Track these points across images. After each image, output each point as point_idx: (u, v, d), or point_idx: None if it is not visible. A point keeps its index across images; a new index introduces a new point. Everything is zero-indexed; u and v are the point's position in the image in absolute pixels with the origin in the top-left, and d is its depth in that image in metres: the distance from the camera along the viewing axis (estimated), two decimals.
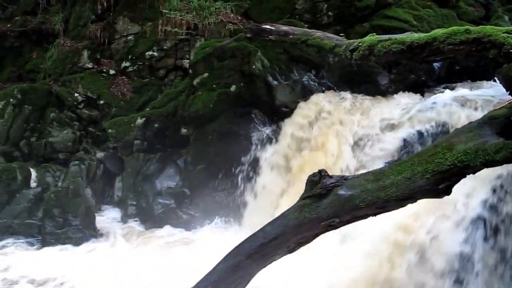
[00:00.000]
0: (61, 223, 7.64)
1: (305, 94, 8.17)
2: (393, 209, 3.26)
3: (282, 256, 3.40)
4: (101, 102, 9.46)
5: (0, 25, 10.57)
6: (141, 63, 9.81)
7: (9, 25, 10.60)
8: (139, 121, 8.72)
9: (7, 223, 7.70)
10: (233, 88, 8.16)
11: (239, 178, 7.95)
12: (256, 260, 3.30)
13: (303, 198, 3.39)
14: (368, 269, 5.28)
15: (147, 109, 9.11)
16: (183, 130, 8.51)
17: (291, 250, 3.41)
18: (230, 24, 9.63)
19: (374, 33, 5.01)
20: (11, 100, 9.25)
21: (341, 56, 5.80)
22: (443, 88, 8.06)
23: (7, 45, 10.59)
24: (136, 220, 8.32)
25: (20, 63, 10.63)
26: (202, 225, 7.98)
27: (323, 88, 8.36)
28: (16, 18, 10.69)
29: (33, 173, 8.45)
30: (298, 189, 6.95)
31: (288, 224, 3.30)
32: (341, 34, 6.89)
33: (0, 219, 7.71)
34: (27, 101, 9.35)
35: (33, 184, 8.33)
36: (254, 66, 8.06)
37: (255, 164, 7.88)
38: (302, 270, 5.66)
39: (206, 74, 8.35)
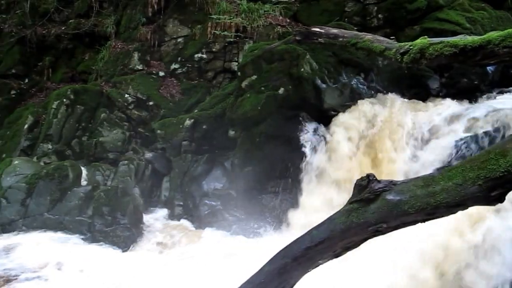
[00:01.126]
0: (110, 221, 7.78)
1: (354, 97, 8.07)
2: (443, 216, 3.16)
3: (328, 260, 3.34)
4: (151, 103, 9.59)
5: (55, 28, 10.88)
6: (190, 65, 9.91)
7: (63, 28, 10.90)
8: (188, 122, 8.78)
9: (59, 219, 7.91)
10: (281, 90, 8.10)
11: (287, 181, 7.90)
12: (301, 264, 3.25)
13: (350, 202, 3.31)
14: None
15: (196, 110, 9.18)
16: (231, 132, 8.52)
17: (337, 255, 3.34)
18: (279, 27, 9.60)
19: (426, 36, 4.89)
20: (64, 100, 9.51)
21: (391, 60, 5.67)
22: (497, 93, 7.83)
23: (61, 47, 10.90)
24: (183, 220, 8.39)
25: (73, 64, 10.92)
26: (247, 227, 7.95)
27: (372, 92, 8.25)
28: (70, 21, 10.97)
29: (84, 172, 8.65)
30: (348, 193, 6.90)
31: (334, 229, 3.23)
32: (391, 37, 6.76)
33: (52, 215, 7.93)
34: (79, 101, 9.60)
35: (83, 182, 8.53)
36: (302, 69, 8.00)
37: (303, 167, 7.81)
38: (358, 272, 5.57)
39: (254, 77, 8.34)
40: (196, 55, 9.85)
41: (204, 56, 9.82)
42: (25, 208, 7.98)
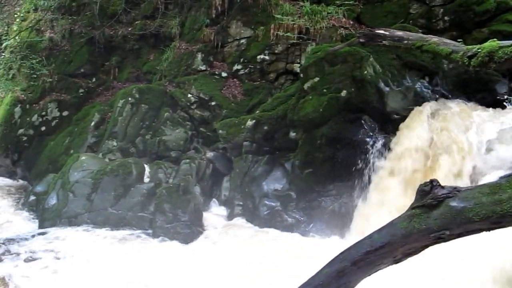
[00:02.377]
0: (171, 218, 7.91)
1: (418, 101, 7.84)
2: (510, 226, 3.01)
3: (388, 265, 3.24)
4: (213, 103, 9.70)
5: (122, 29, 11.19)
6: (252, 66, 9.94)
7: (130, 29, 11.20)
8: (249, 123, 8.81)
9: (122, 214, 8.12)
10: (343, 93, 7.97)
11: (348, 185, 7.77)
12: (361, 268, 3.18)
13: (412, 207, 3.21)
14: None
15: (257, 111, 9.19)
16: (292, 134, 8.48)
17: (397, 261, 3.24)
18: (342, 29, 9.48)
19: (495, 39, 4.70)
20: (129, 99, 9.77)
21: (457, 63, 5.50)
22: None
23: (127, 48, 11.20)
24: (242, 220, 8.42)
25: (139, 64, 11.19)
26: (306, 229, 7.89)
27: (436, 96, 7.99)
28: (136, 22, 11.26)
29: (147, 169, 8.86)
30: (410, 198, 6.70)
31: (395, 234, 3.13)
32: (459, 40, 6.56)
33: (116, 210, 8.16)
34: (144, 100, 9.83)
35: (146, 179, 8.73)
36: (365, 72, 7.85)
37: (365, 171, 7.66)
38: None
39: (317, 79, 8.25)
40: (258, 56, 9.87)
41: (267, 57, 9.83)
42: (90, 202, 8.25)
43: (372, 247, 3.14)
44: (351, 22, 9.73)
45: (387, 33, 7.14)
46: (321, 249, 6.96)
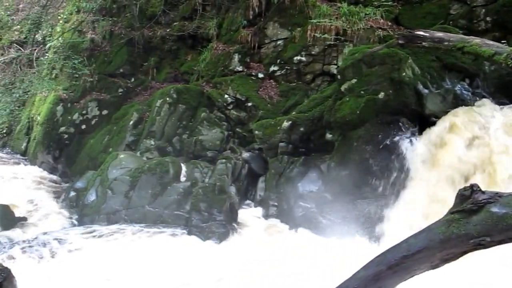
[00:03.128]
0: (207, 217, 7.98)
1: (457, 103, 7.73)
2: None
3: (425, 271, 3.19)
4: (249, 104, 9.76)
5: (161, 30, 11.37)
6: (289, 68, 9.96)
7: (168, 30, 11.36)
8: (285, 124, 8.82)
9: (158, 212, 8.26)
10: (381, 95, 7.91)
11: (384, 188, 7.70)
12: (397, 272, 3.13)
13: (451, 212, 3.14)
14: None
15: (293, 113, 9.20)
16: (328, 135, 8.46)
17: (434, 266, 3.18)
18: (380, 30, 9.41)
19: None
20: (167, 99, 9.92)
21: (500, 65, 5.40)
22: None
23: (165, 48, 11.36)
24: (277, 221, 8.42)
25: (176, 65, 11.34)
26: (341, 232, 7.82)
27: (477, 98, 7.85)
28: (175, 23, 11.42)
29: (183, 168, 8.97)
30: (448, 204, 6.59)
31: (433, 239, 3.08)
32: (502, 41, 6.42)
33: (153, 208, 8.30)
34: (181, 100, 9.97)
35: (182, 178, 8.84)
36: (404, 73, 7.78)
37: (402, 175, 7.58)
38: None
39: (354, 80, 8.21)
40: (295, 58, 9.89)
41: (303, 58, 9.83)
42: (128, 199, 8.41)
43: (409, 251, 3.10)
44: (389, 23, 9.64)
45: (427, 34, 7.06)
46: (356, 252, 6.92)
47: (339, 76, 8.54)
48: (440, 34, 6.97)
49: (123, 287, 6.34)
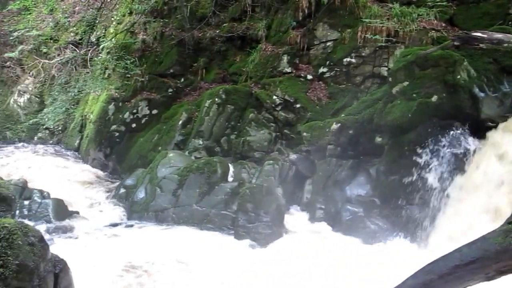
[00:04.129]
0: (253, 218, 7.99)
1: None
2: None
3: (479, 282, 3.07)
4: (298, 105, 9.72)
5: (210, 31, 11.47)
6: (338, 69, 9.87)
7: (217, 31, 11.46)
8: (334, 126, 8.74)
9: (206, 211, 8.33)
10: (434, 98, 7.70)
11: (435, 195, 7.49)
12: (448, 282, 3.02)
13: (509, 222, 3.01)
14: None
15: (342, 115, 9.11)
16: (378, 139, 8.32)
17: (490, 278, 3.04)
18: (433, 31, 9.20)
19: None
20: (216, 99, 10.01)
21: None
22: None
23: (215, 49, 11.46)
24: (323, 224, 8.35)
25: (225, 66, 11.43)
26: (389, 238, 7.67)
27: None
28: (224, 24, 11.50)
29: (231, 168, 9.02)
30: (502, 214, 6.36)
31: (489, 249, 2.95)
32: None
33: (200, 207, 8.39)
34: (230, 101, 10.04)
35: (230, 178, 8.89)
36: (459, 76, 7.54)
37: (454, 181, 7.36)
38: None
39: (406, 83, 8.04)
40: (345, 59, 9.78)
41: (353, 60, 9.72)
42: (176, 198, 8.53)
43: (462, 261, 3.00)
44: (443, 24, 9.41)
45: (484, 35, 6.84)
46: (404, 258, 6.78)
47: (390, 79, 8.39)
48: (499, 36, 6.75)
49: (168, 283, 6.44)
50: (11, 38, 14.23)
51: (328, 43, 10.17)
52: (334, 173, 8.60)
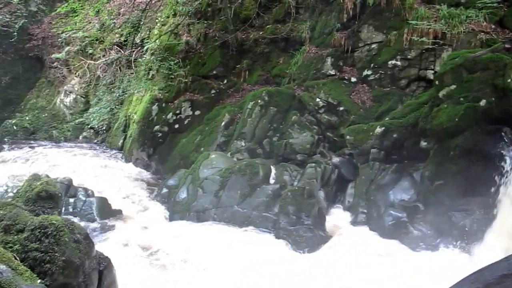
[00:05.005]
0: (294, 220, 7.98)
1: None
2: None
3: None
4: (341, 108, 9.63)
5: (254, 33, 11.49)
6: (382, 72, 9.71)
7: (261, 33, 11.46)
8: (378, 130, 8.63)
9: (247, 213, 8.34)
10: (482, 102, 7.50)
11: (482, 201, 7.29)
12: None
13: None
14: None
15: (386, 118, 8.98)
16: (423, 143, 8.16)
17: None
18: (482, 34, 8.94)
19: None
20: (259, 101, 10.02)
21: None
22: None
23: (258, 51, 11.48)
24: (365, 228, 8.25)
25: (268, 67, 11.42)
26: (432, 244, 7.52)
27: None
28: (267, 26, 11.50)
29: (273, 170, 9.02)
30: None
31: None
32: None
33: (241, 209, 8.40)
34: (272, 103, 10.03)
35: (271, 180, 8.89)
36: (509, 80, 7.33)
37: (503, 188, 7.14)
38: None
39: (453, 86, 7.85)
40: (390, 62, 9.62)
41: (398, 63, 9.55)
42: (217, 199, 8.57)
43: (510, 270, 2.92)
44: (493, 26, 9.15)
45: None
46: (448, 266, 6.65)
47: (436, 82, 8.20)
48: None
49: (208, 282, 6.51)
50: (59, 40, 14.63)
51: (373, 45, 10.03)
52: (377, 177, 8.49)
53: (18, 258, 3.65)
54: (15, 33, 14.61)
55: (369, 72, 9.90)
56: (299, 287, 6.48)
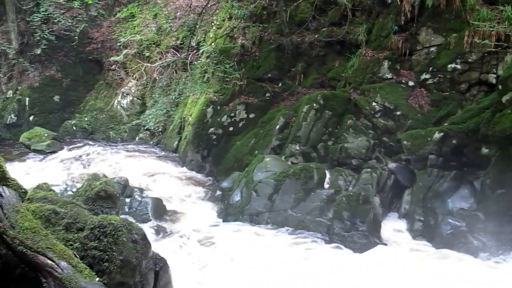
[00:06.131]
0: (349, 226, 7.90)
1: None
2: None
3: None
4: (398, 113, 9.43)
5: (309, 36, 11.43)
6: (441, 76, 9.45)
7: (316, 36, 11.38)
8: (436, 135, 8.42)
9: (301, 217, 8.33)
10: None
11: None
12: None
13: None
14: None
15: (445, 124, 8.75)
16: (484, 150, 7.93)
17: None
18: None
19: None
20: (314, 105, 9.97)
21: None
22: None
23: (313, 54, 11.41)
24: (422, 237, 8.08)
25: (323, 71, 11.32)
26: (494, 255, 7.26)
27: None
28: (323, 29, 11.40)
29: (327, 175, 8.94)
30: None
31: None
32: None
33: (295, 213, 8.40)
34: (328, 106, 9.96)
35: (326, 185, 8.83)
36: None
37: None
38: None
39: None
40: (449, 65, 9.36)
41: (458, 66, 9.27)
42: (271, 202, 8.59)
43: None
44: None
45: None
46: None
47: (499, 86, 7.92)
48: None
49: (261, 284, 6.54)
50: (118, 44, 15.05)
51: (432, 48, 9.77)
52: (435, 184, 8.29)
53: (78, 256, 3.77)
54: (76, 37, 15.12)
55: (428, 76, 9.65)
56: None
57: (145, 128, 14.31)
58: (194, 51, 13.52)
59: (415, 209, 8.38)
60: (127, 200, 9.08)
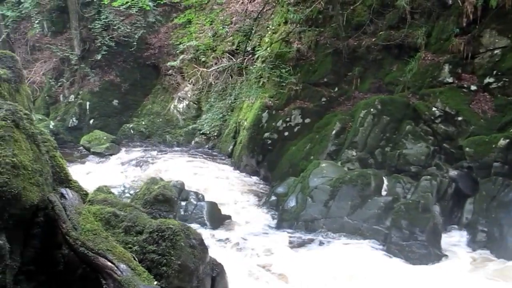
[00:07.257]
0: (407, 235, 7.67)
1: None
2: None
3: None
4: (459, 118, 9.11)
5: (366, 40, 11.23)
6: (507, 80, 9.08)
7: (374, 39, 11.17)
8: (502, 142, 8.08)
9: (357, 225, 8.17)
10: None
11: None
12: None
13: None
14: None
15: (511, 130, 8.36)
16: None
17: None
18: None
19: None
20: (371, 110, 9.79)
21: None
22: None
23: (370, 58, 11.21)
24: (485, 249, 7.73)
25: (380, 75, 11.11)
26: None
27: None
28: (380, 32, 11.17)
29: (385, 182, 8.74)
30: None
31: None
32: None
33: (351, 220, 8.25)
34: (385, 112, 9.74)
35: (383, 192, 8.63)
36: None
37: None
38: None
39: None
40: None
41: None
42: (327, 209, 8.48)
43: None
44: None
45: None
46: None
47: None
48: None
49: None
50: (174, 49, 15.32)
51: (496, 51, 9.39)
52: (500, 194, 7.93)
53: (136, 259, 3.81)
54: (135, 43, 15.53)
55: (492, 80, 9.28)
56: None
57: (200, 132, 14.47)
58: (250, 56, 13.56)
59: (478, 219, 8.04)
60: (183, 203, 9.17)
